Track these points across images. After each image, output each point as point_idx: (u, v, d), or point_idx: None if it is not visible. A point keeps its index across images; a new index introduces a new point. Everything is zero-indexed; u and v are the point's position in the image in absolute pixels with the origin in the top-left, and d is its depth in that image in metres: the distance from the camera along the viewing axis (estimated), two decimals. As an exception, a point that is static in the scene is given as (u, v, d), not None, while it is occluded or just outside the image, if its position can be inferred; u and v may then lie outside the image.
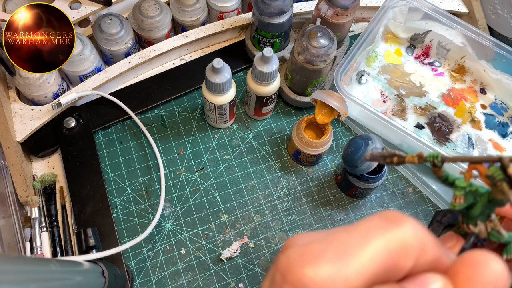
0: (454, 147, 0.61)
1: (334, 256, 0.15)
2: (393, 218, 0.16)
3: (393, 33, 0.69)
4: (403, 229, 0.16)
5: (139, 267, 0.53)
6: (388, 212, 0.17)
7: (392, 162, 0.21)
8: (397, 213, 0.17)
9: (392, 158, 0.21)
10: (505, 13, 0.66)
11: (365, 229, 0.16)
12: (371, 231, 0.16)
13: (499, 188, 0.18)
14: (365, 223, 0.17)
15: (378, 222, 0.16)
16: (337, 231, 0.17)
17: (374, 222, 0.16)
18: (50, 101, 0.58)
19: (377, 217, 0.17)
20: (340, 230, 0.16)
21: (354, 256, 0.15)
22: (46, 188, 0.55)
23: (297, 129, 0.56)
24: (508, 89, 0.64)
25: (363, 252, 0.15)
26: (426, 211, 0.59)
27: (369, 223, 0.16)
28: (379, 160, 0.21)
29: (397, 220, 0.16)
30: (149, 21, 0.60)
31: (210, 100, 0.55)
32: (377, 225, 0.16)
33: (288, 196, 0.59)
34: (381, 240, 0.16)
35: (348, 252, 0.15)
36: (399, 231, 0.16)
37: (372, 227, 0.16)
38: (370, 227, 0.16)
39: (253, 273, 0.54)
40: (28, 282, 0.26)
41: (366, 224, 0.16)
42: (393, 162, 0.21)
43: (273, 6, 0.55)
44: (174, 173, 0.59)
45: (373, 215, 0.17)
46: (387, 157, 0.21)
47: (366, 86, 0.65)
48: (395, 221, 0.16)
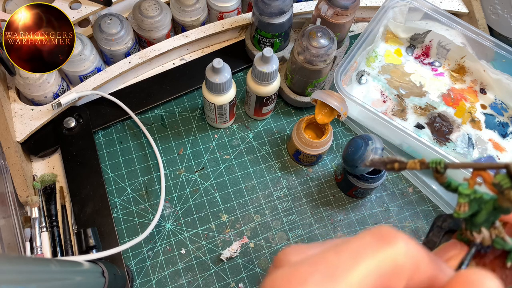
0: (454, 147, 0.61)
1: (321, 280, 0.14)
2: (384, 236, 0.16)
3: (393, 33, 0.69)
4: (395, 247, 0.15)
5: (139, 267, 0.53)
6: (380, 228, 0.16)
7: (393, 168, 0.20)
8: (389, 229, 0.16)
9: (393, 164, 0.20)
10: (505, 13, 0.66)
11: (355, 248, 0.16)
12: (360, 251, 0.15)
13: (507, 197, 0.18)
14: (355, 241, 0.16)
15: (369, 241, 0.16)
16: (328, 249, 0.16)
17: (364, 241, 0.16)
18: (50, 101, 0.58)
19: (368, 234, 0.16)
20: (330, 249, 0.16)
21: (342, 279, 0.15)
22: (46, 188, 0.55)
23: (297, 129, 0.56)
24: (508, 89, 0.64)
25: (352, 275, 0.15)
26: (426, 211, 0.59)
27: (359, 242, 0.16)
28: (380, 166, 0.21)
29: (389, 238, 0.16)
30: (149, 21, 0.60)
31: (210, 100, 0.55)
32: (367, 244, 0.16)
33: (288, 196, 0.59)
34: (370, 261, 0.15)
35: (336, 275, 0.15)
36: (390, 250, 0.15)
37: (362, 247, 0.16)
38: (360, 246, 0.16)
39: (253, 273, 0.54)
40: (28, 282, 0.26)
41: (356, 242, 0.16)
42: (394, 168, 0.20)
43: (273, 6, 0.55)
44: (174, 173, 0.59)
45: (365, 231, 0.16)
46: (387, 163, 0.21)
47: (366, 86, 0.65)
48: (387, 239, 0.16)
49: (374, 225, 0.58)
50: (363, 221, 0.58)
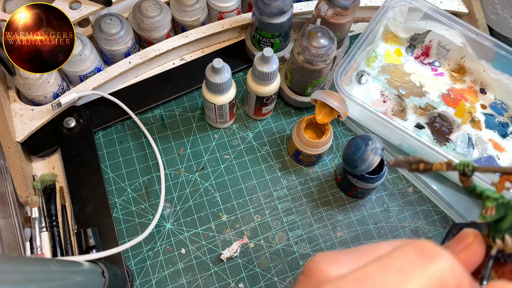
0: (454, 147, 0.61)
1: None
2: (428, 252, 0.16)
3: (393, 33, 0.69)
4: (441, 265, 0.15)
5: (139, 267, 0.53)
6: (424, 243, 0.16)
7: (418, 169, 0.20)
8: (432, 245, 0.16)
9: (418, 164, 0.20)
10: (505, 13, 0.66)
11: (401, 266, 0.15)
12: (407, 269, 0.15)
13: None
14: (399, 257, 0.15)
15: (413, 257, 0.15)
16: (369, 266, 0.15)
17: (409, 257, 0.15)
18: (50, 101, 0.58)
19: (411, 250, 0.16)
20: (372, 265, 0.15)
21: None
22: (46, 188, 0.55)
23: (297, 129, 0.56)
24: (508, 89, 0.64)
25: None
26: (426, 211, 0.59)
27: (404, 258, 0.15)
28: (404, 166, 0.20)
29: (433, 254, 0.15)
30: (149, 21, 0.60)
31: (210, 100, 0.55)
32: (413, 260, 0.15)
33: (288, 196, 0.59)
34: (419, 281, 0.15)
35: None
36: (437, 267, 0.15)
37: (408, 264, 0.15)
38: (406, 263, 0.15)
39: (253, 273, 0.54)
40: (28, 282, 0.26)
41: (401, 259, 0.15)
42: (419, 169, 0.20)
43: (273, 6, 0.55)
44: (174, 173, 0.59)
45: (404, 245, 0.16)
46: (413, 163, 0.20)
47: (366, 86, 0.65)
48: (431, 256, 0.15)
49: (375, 225, 0.58)
50: (363, 221, 0.58)
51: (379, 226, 0.58)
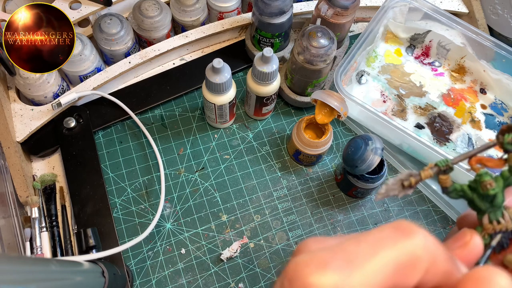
0: (454, 147, 0.61)
1: (340, 265, 0.15)
2: (404, 229, 0.16)
3: (393, 33, 0.69)
4: (414, 240, 0.16)
5: (139, 267, 0.53)
6: (401, 222, 0.17)
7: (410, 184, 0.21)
8: (409, 223, 0.17)
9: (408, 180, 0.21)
10: (505, 13, 0.66)
11: (375, 239, 0.16)
12: (380, 242, 0.16)
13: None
14: (376, 233, 0.17)
15: (389, 233, 0.16)
16: (347, 239, 0.16)
17: (384, 233, 0.16)
18: (50, 101, 0.58)
19: (388, 227, 0.17)
20: (350, 239, 0.16)
21: (361, 266, 0.15)
22: (46, 188, 0.55)
23: (297, 129, 0.56)
24: (508, 89, 0.64)
25: (370, 263, 0.15)
26: (426, 211, 0.59)
27: (380, 234, 0.16)
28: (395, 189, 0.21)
29: (408, 231, 0.16)
30: (149, 21, 0.60)
31: (210, 100, 0.55)
32: (387, 236, 0.16)
33: (288, 196, 0.59)
34: (389, 252, 0.16)
35: (354, 262, 0.15)
36: (409, 242, 0.16)
37: (382, 238, 0.16)
38: (380, 237, 0.16)
39: (253, 273, 0.54)
40: (28, 282, 0.26)
41: (377, 234, 0.16)
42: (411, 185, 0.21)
43: (273, 6, 0.55)
44: (174, 173, 0.59)
45: (385, 224, 0.17)
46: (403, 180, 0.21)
47: (366, 86, 0.65)
48: (406, 232, 0.16)
49: (375, 225, 0.58)
50: (363, 221, 0.58)
51: (379, 226, 0.58)
